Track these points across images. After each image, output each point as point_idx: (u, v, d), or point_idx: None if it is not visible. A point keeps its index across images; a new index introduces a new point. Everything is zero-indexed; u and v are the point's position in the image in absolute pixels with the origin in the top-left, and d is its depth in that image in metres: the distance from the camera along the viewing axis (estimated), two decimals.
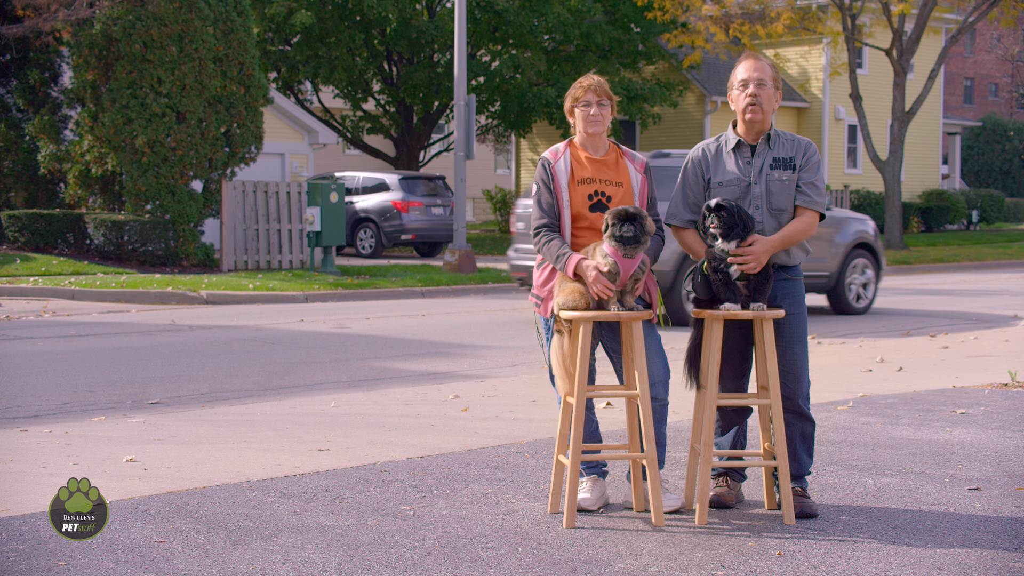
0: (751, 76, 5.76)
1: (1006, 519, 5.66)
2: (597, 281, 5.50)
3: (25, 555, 4.97)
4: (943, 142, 46.43)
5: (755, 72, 5.77)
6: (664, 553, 5.10)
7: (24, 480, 6.35)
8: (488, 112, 34.63)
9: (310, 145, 28.88)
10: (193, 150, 21.92)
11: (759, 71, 5.78)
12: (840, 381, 9.91)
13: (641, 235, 5.46)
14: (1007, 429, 7.81)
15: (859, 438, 7.52)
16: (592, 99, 5.76)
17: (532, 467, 6.69)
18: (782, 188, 5.77)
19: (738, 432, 6.04)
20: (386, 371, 10.96)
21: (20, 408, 8.83)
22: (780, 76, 5.93)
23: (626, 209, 5.47)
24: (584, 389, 5.54)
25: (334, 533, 5.34)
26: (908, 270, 27.55)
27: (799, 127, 38.18)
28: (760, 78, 5.76)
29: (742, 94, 5.77)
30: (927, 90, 30.46)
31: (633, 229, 5.44)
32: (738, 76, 5.81)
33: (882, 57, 35.09)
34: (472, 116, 22.71)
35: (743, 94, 5.77)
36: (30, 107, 25.07)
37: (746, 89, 5.76)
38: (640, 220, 5.46)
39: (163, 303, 17.83)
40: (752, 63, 5.81)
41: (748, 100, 5.74)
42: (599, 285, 5.50)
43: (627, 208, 5.48)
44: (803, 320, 5.87)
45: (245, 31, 22.61)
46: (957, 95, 64.43)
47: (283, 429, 7.85)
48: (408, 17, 31.45)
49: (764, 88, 5.75)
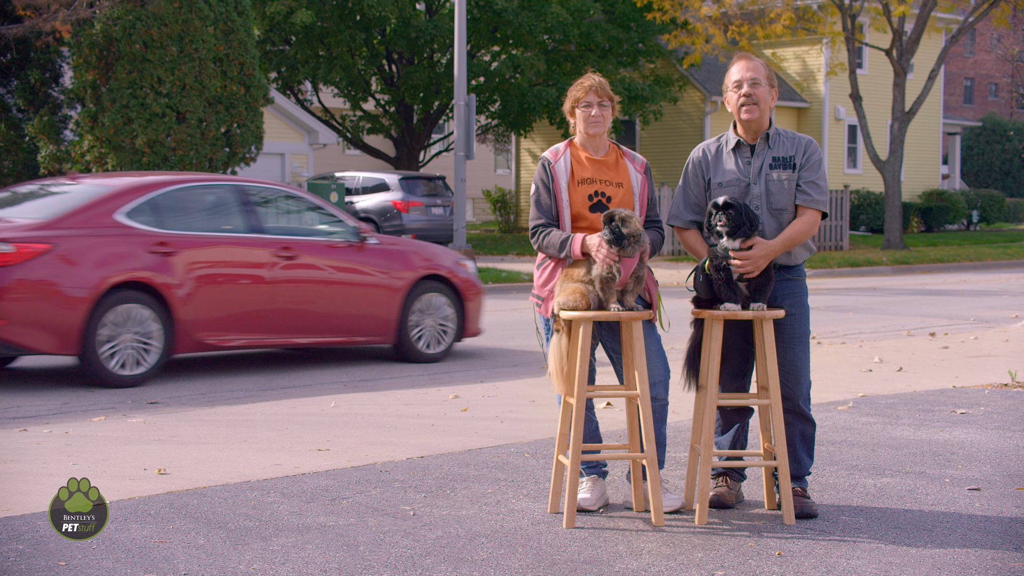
0: (744, 76, 5.78)
1: (1006, 519, 5.67)
2: (601, 247, 5.50)
3: (25, 555, 4.97)
4: (943, 142, 46.42)
5: (748, 72, 5.78)
6: (664, 553, 5.10)
7: (24, 480, 6.35)
8: (488, 112, 34.63)
9: (310, 145, 28.89)
10: (193, 150, 21.92)
11: (752, 70, 5.79)
12: (840, 381, 9.91)
13: (622, 237, 5.46)
14: (1007, 429, 7.81)
15: (859, 438, 7.52)
16: (593, 100, 5.75)
17: (532, 467, 6.69)
18: (782, 188, 5.77)
19: (738, 432, 6.04)
20: (386, 371, 10.96)
21: (20, 408, 8.83)
22: (774, 74, 5.94)
23: (610, 212, 5.50)
24: (584, 389, 5.54)
25: (334, 533, 5.34)
26: (908, 270, 27.56)
27: (799, 127, 38.17)
28: (753, 77, 5.77)
29: (736, 94, 5.79)
30: (927, 90, 30.46)
31: (610, 232, 5.45)
32: (732, 77, 5.83)
33: (882, 57, 35.09)
34: (472, 116, 22.71)
35: (738, 94, 5.78)
36: (30, 107, 25.07)
37: (740, 89, 5.78)
38: (620, 221, 5.46)
39: None
40: (744, 63, 5.83)
41: (743, 99, 5.75)
42: (604, 251, 5.49)
43: (611, 211, 5.51)
44: (804, 321, 5.87)
45: (245, 31, 22.62)
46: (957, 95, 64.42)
47: (283, 429, 7.86)
48: (408, 17, 31.45)
49: (758, 87, 5.76)
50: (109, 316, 9.71)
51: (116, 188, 10.36)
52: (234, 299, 10.46)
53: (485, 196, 41.47)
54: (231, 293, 10.44)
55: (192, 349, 10.36)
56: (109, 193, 10.22)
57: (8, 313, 9.37)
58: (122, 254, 9.88)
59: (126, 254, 9.89)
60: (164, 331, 10.01)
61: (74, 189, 10.65)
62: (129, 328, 9.83)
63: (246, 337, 10.58)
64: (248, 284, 10.54)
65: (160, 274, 9.98)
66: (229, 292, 10.43)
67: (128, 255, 9.89)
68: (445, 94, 32.46)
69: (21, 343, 9.54)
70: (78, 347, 9.62)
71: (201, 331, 10.25)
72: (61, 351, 9.69)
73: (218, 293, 10.34)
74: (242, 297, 10.49)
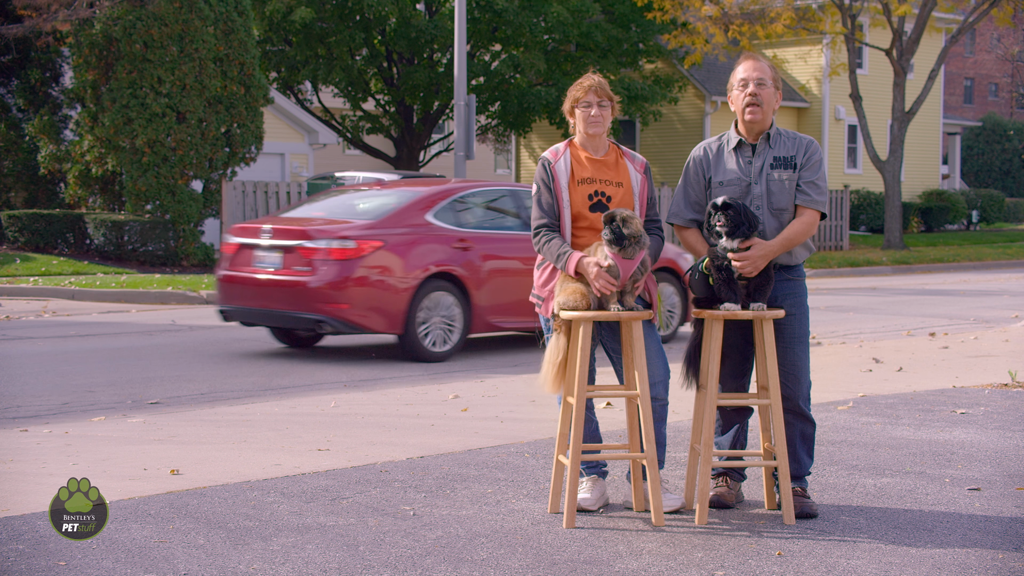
0: (750, 76, 5.77)
1: (1006, 519, 5.66)
2: (599, 277, 5.50)
3: (25, 555, 4.97)
4: (943, 142, 46.42)
5: (754, 72, 5.78)
6: (664, 553, 5.10)
7: (24, 480, 6.35)
8: (488, 112, 34.62)
9: (310, 145, 28.87)
10: (193, 150, 21.92)
11: (758, 71, 5.78)
12: (840, 381, 9.91)
13: (623, 238, 5.46)
14: (1007, 429, 7.81)
15: (859, 438, 7.52)
16: (593, 100, 5.75)
17: (532, 467, 6.69)
18: (782, 187, 5.77)
19: (738, 432, 6.04)
20: (386, 371, 10.96)
21: (20, 408, 8.83)
22: (780, 76, 5.94)
23: (611, 212, 5.50)
24: (584, 389, 5.54)
25: (334, 533, 5.34)
26: (908, 270, 27.57)
27: (799, 127, 38.18)
28: (760, 78, 5.77)
29: (742, 94, 5.78)
30: (927, 90, 30.46)
31: (611, 232, 5.45)
32: (737, 76, 5.82)
33: (882, 57, 35.09)
34: (472, 116, 22.71)
35: (743, 94, 5.77)
36: (30, 107, 25.07)
37: (746, 89, 5.77)
38: (622, 221, 5.46)
39: (163, 303, 17.83)
40: (751, 63, 5.82)
41: (748, 99, 5.75)
42: (601, 281, 5.50)
43: (613, 211, 5.50)
44: (804, 321, 5.87)
45: (245, 31, 22.62)
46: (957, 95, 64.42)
47: (283, 429, 7.85)
48: (408, 17, 31.44)
49: (764, 87, 5.76)
50: (424, 302, 11.49)
51: (425, 193, 12.23)
52: (512, 288, 11.96)
53: None
54: (510, 283, 12.02)
55: (483, 330, 12.07)
56: (420, 197, 12.10)
57: (351, 298, 11.23)
58: (433, 250, 11.69)
59: (436, 250, 11.70)
60: (464, 315, 11.76)
61: (390, 194, 12.56)
62: (438, 312, 11.62)
63: (519, 321, 12.16)
64: (521, 275, 11.78)
65: (461, 266, 11.77)
66: (509, 282, 12.04)
67: (437, 250, 11.70)
68: (445, 94, 32.45)
69: (360, 323, 11.31)
70: (402, 327, 11.40)
71: (490, 315, 11.96)
72: (388, 331, 11.47)
73: (502, 282, 12.06)
74: (517, 286, 11.80)
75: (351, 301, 11.19)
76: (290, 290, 11.36)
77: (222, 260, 12.32)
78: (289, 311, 11.44)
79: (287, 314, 11.50)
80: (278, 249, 11.55)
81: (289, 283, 11.36)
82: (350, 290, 11.19)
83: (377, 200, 12.45)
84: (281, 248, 11.53)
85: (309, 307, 11.25)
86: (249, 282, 11.73)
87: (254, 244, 11.78)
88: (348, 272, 11.20)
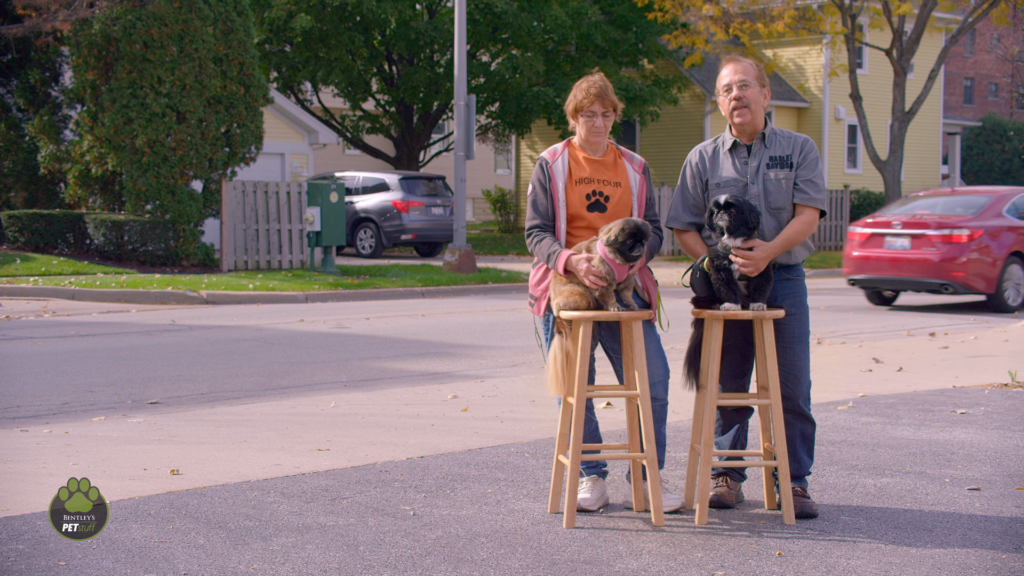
0: (733, 80, 5.79)
1: (1006, 519, 5.67)
2: (589, 272, 5.51)
3: (25, 555, 4.97)
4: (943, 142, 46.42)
5: (736, 75, 5.79)
6: (664, 553, 5.10)
7: (24, 480, 6.35)
8: (488, 112, 34.63)
9: (310, 145, 28.87)
10: (193, 150, 21.91)
11: (740, 73, 5.79)
12: (840, 381, 9.92)
13: (634, 259, 5.50)
14: (1007, 429, 7.81)
15: (859, 438, 7.52)
16: (598, 110, 5.75)
17: (532, 467, 6.69)
18: (779, 187, 5.77)
19: (738, 432, 6.04)
20: (386, 371, 10.96)
21: (20, 408, 8.83)
22: (764, 73, 5.94)
23: (639, 227, 5.45)
24: (584, 389, 5.54)
25: (334, 533, 5.34)
26: None
27: (799, 127, 38.17)
28: (742, 80, 5.77)
29: (727, 99, 5.81)
30: (927, 90, 30.44)
31: (640, 250, 5.46)
32: (722, 82, 5.84)
33: (882, 57, 35.08)
34: (472, 116, 22.71)
35: (727, 99, 5.80)
36: (30, 107, 25.06)
37: (730, 93, 5.79)
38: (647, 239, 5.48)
39: (163, 303, 17.83)
40: (732, 66, 5.83)
41: (733, 104, 5.77)
42: (591, 276, 5.50)
43: (639, 226, 5.45)
44: (804, 320, 5.87)
45: (245, 31, 22.62)
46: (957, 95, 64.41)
47: (283, 429, 7.86)
48: (407, 18, 31.45)
49: (747, 88, 5.77)
50: (1006, 273, 16.78)
51: (998, 196, 17.41)
52: None
53: (485, 196, 41.47)
54: None
55: None
56: (996, 199, 17.25)
57: (967, 268, 16.55)
58: (1009, 236, 16.82)
59: (1010, 236, 16.83)
60: None
61: (974, 197, 17.67)
62: (1012, 280, 16.92)
63: None
64: None
65: None
66: None
67: (1011, 236, 16.84)
68: (445, 94, 32.46)
69: (971, 286, 16.61)
70: (994, 289, 16.73)
71: None
72: (986, 291, 16.73)
73: None
74: None
75: (966, 271, 16.48)
76: (920, 264, 16.65)
77: (850, 244, 17.55)
78: (919, 278, 16.69)
79: (916, 280, 16.75)
80: (905, 236, 16.88)
81: (919, 259, 16.70)
82: (966, 263, 16.48)
83: (967, 201, 17.50)
84: (908, 236, 16.87)
85: (937, 275, 16.51)
86: (882, 259, 17.02)
87: (884, 233, 17.08)
88: (964, 252, 16.50)
